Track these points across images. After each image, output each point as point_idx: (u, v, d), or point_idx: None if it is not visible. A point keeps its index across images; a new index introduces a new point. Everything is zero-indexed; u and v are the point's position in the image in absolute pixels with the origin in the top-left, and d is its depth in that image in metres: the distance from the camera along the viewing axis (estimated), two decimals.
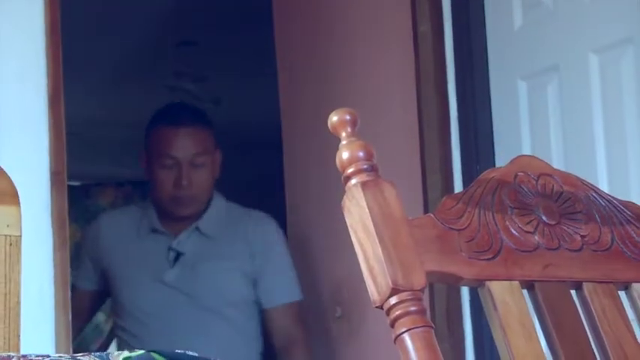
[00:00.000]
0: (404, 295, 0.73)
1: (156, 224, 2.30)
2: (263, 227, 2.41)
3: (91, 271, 2.39)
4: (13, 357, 0.67)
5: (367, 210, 0.75)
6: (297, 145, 3.08)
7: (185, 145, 2.22)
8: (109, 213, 2.45)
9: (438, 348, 0.74)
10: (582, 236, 0.89)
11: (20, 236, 1.00)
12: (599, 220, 0.92)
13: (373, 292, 0.75)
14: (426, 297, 2.05)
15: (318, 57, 3.06)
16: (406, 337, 0.72)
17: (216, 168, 2.36)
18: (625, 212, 0.94)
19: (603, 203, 0.94)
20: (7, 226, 0.99)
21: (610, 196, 0.96)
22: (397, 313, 0.73)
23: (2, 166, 1.05)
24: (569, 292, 0.91)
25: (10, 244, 0.97)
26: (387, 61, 2.60)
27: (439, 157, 2.63)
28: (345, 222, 0.78)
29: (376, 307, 0.75)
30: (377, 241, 0.74)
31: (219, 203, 2.34)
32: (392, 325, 0.74)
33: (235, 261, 2.30)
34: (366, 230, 0.75)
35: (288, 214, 3.07)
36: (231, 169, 2.73)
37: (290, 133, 3.13)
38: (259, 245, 2.32)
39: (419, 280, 0.76)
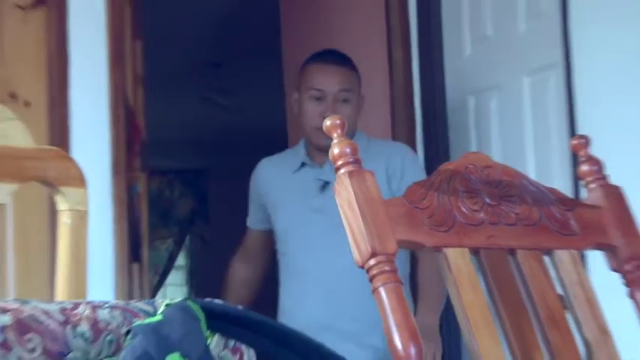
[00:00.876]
0: (380, 258, 0.76)
1: (304, 159, 2.10)
2: (401, 152, 2.15)
3: (258, 212, 2.21)
4: (80, 303, 0.66)
5: (352, 193, 0.78)
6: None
7: (332, 80, 2.01)
8: (267, 158, 2.03)
9: (405, 299, 0.77)
10: (516, 214, 0.91)
11: (86, 211, 0.99)
12: (529, 201, 0.93)
13: (356, 255, 0.77)
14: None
15: None
16: (381, 289, 0.74)
17: (359, 108, 2.09)
18: (549, 196, 0.95)
19: (533, 189, 0.95)
20: (77, 203, 0.99)
21: (538, 183, 0.96)
22: (374, 271, 0.76)
23: (75, 159, 1.04)
24: (507, 257, 0.92)
25: (80, 218, 0.96)
26: (366, 85, 2.50)
27: None
28: None
29: (359, 267, 0.78)
30: (360, 217, 0.77)
31: (361, 137, 2.04)
32: (370, 281, 0.76)
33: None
34: (352, 208, 0.78)
35: None
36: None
37: (295, 135, 3.11)
38: (397, 168, 2.05)
39: (391, 246, 0.78)
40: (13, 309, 0.54)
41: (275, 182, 2.14)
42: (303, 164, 2.09)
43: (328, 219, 1.83)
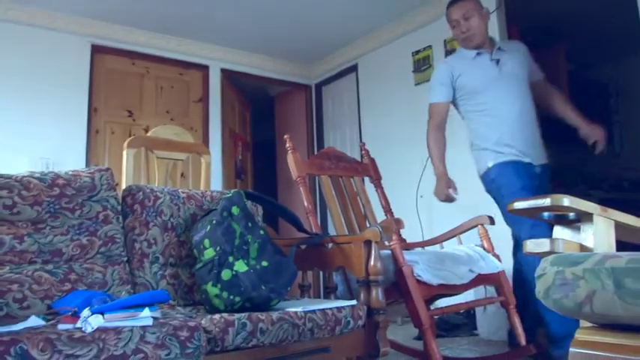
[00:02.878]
0: (299, 180, 2.43)
1: (476, 51, 2.98)
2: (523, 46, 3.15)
3: (449, 88, 2.96)
4: (207, 192, 2.40)
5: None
6: None
7: (457, 11, 2.91)
8: (443, 60, 3.48)
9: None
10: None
11: (210, 163, 2.75)
12: (347, 164, 2.61)
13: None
14: None
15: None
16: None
17: (484, 18, 2.96)
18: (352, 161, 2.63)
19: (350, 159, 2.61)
20: (206, 161, 2.76)
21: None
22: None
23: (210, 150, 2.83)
24: (339, 182, 2.55)
25: (208, 164, 2.72)
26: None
27: None
28: None
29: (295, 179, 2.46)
30: None
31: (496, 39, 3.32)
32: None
33: (521, 58, 3.02)
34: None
35: None
36: None
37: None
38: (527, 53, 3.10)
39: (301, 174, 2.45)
40: None
41: (463, 68, 2.95)
42: (478, 53, 2.99)
43: (509, 80, 2.85)
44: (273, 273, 1.80)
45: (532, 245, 1.09)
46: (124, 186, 2.43)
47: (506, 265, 2.71)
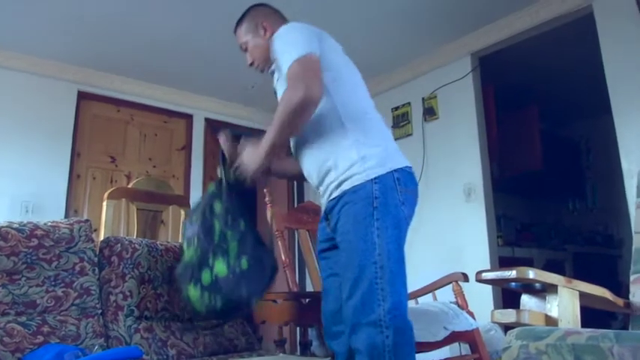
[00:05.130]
0: (277, 234, 2.44)
1: None
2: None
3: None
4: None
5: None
6: None
7: (237, 41, 2.08)
8: None
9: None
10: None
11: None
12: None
13: None
14: None
15: None
16: None
17: (260, 41, 2.00)
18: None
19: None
20: (185, 216, 2.76)
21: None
22: None
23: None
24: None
25: (184, 217, 2.73)
26: None
27: None
28: None
29: None
30: None
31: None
32: None
33: None
34: None
35: None
36: None
37: None
38: None
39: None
40: None
41: None
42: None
43: None
44: (254, 272, 1.80)
45: (499, 315, 1.11)
46: (102, 236, 2.42)
47: (481, 322, 2.72)
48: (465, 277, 2.65)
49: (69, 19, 3.69)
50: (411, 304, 2.80)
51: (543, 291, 1.18)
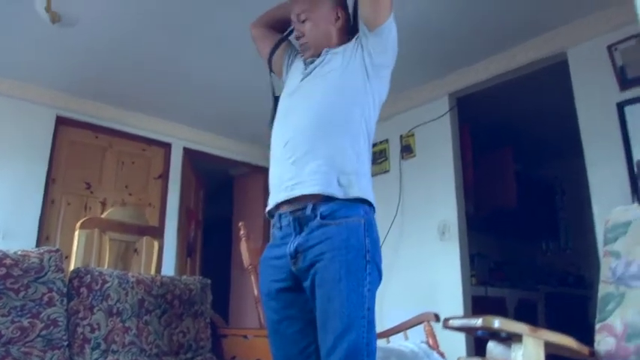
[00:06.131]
0: (250, 268, 2.42)
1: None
2: None
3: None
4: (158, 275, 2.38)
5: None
6: None
7: (293, 9, 1.86)
8: None
9: None
10: None
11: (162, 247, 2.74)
12: None
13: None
14: None
15: None
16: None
17: (327, 20, 1.83)
18: None
19: None
20: (158, 247, 2.75)
21: None
22: None
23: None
24: None
25: (158, 248, 2.70)
26: None
27: None
28: None
29: None
30: None
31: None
32: None
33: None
34: None
35: None
36: None
37: None
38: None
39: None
40: None
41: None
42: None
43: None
44: None
45: None
46: (72, 266, 2.39)
47: None
48: (437, 318, 2.67)
49: (50, 43, 3.69)
50: (382, 343, 2.81)
51: (509, 339, 1.20)
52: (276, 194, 1.65)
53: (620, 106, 3.25)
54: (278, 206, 1.65)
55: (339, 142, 1.60)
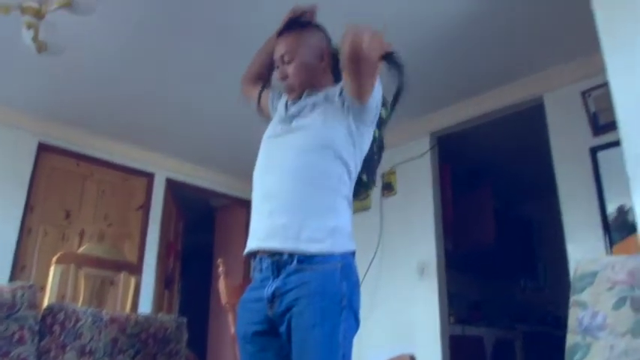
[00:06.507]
0: (227, 306, 2.40)
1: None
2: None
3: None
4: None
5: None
6: None
7: (278, 49, 1.82)
8: None
9: None
10: None
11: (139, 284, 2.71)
12: None
13: None
14: None
15: None
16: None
17: (311, 59, 1.81)
18: None
19: None
20: (135, 284, 2.73)
21: None
22: None
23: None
24: None
25: (134, 285, 2.68)
26: None
27: None
28: None
29: None
30: None
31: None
32: None
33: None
34: None
35: None
36: None
37: None
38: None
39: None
40: None
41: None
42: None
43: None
44: None
45: None
46: (46, 302, 2.36)
47: None
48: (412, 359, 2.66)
49: (35, 69, 3.69)
50: None
51: None
52: (252, 242, 1.66)
53: (594, 151, 3.34)
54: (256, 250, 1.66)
55: (317, 199, 1.61)
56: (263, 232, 1.61)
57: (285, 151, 1.69)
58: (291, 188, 1.62)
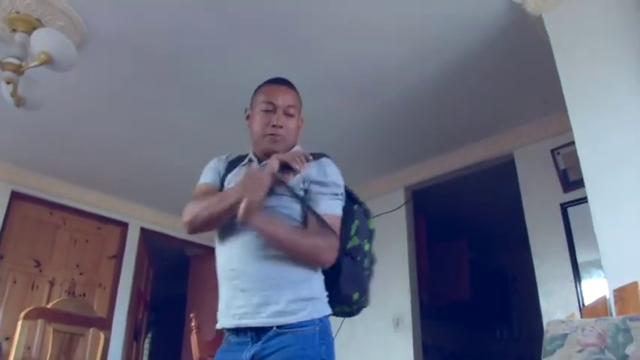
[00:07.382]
0: None
1: (252, 157, 1.93)
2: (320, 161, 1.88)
3: (212, 173, 1.94)
4: None
5: None
6: None
7: (282, 97, 1.84)
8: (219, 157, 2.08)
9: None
10: None
11: (109, 340, 2.64)
12: None
13: None
14: None
15: None
16: None
17: (299, 125, 1.89)
18: None
19: None
20: (104, 340, 2.66)
21: None
22: None
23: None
24: None
25: (103, 341, 2.61)
26: None
27: None
28: None
29: None
30: None
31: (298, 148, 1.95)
32: None
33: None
34: None
35: None
36: None
37: None
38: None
39: None
40: None
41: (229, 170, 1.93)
42: (250, 160, 1.90)
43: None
44: None
45: None
46: (12, 356, 2.29)
47: None
48: None
49: (9, 119, 3.67)
50: None
51: None
52: (224, 319, 1.64)
53: (564, 207, 3.41)
54: None
55: (289, 276, 1.61)
56: (237, 309, 1.59)
57: (251, 235, 1.65)
58: (261, 269, 1.61)
